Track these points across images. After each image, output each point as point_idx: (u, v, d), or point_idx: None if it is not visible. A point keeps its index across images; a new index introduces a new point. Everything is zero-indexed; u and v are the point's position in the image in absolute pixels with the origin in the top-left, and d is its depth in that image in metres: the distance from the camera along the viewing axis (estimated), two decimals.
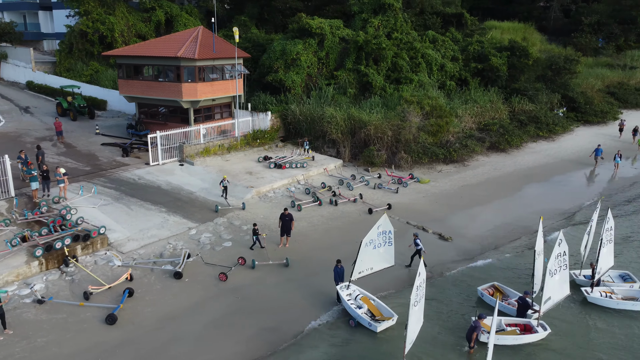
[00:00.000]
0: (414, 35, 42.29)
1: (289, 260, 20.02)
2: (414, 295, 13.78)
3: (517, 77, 44.58)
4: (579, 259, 20.09)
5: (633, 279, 19.57)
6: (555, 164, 35.29)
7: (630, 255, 22.14)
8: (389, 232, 18.20)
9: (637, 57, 62.89)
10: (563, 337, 16.37)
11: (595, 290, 18.59)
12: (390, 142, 32.43)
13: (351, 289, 17.95)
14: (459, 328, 16.67)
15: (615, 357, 15.46)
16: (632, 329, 16.84)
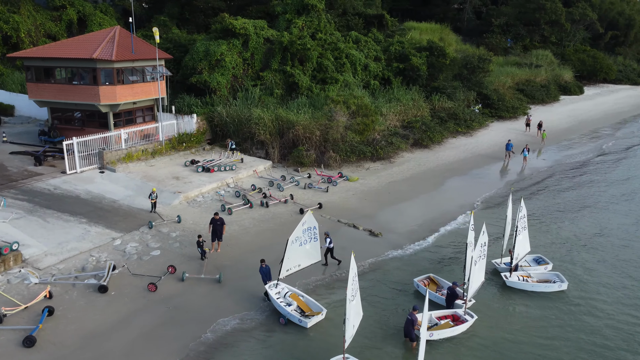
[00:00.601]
0: (338, 35, 43.00)
1: (222, 276, 19.05)
2: (349, 290, 14.01)
3: (436, 76, 46.64)
4: (500, 248, 21.43)
5: (546, 261, 21.19)
6: (474, 158, 37.33)
7: (542, 239, 23.89)
8: (314, 228, 18.61)
9: (541, 56, 67.97)
10: (487, 322, 17.34)
11: (513, 275, 19.90)
12: (318, 142, 32.75)
13: (280, 287, 18.06)
14: (397, 320, 17.15)
15: (531, 336, 16.61)
16: (545, 310, 18.17)
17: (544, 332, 16.88)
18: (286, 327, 16.83)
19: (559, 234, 24.81)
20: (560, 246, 23.40)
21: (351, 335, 14.64)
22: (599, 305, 18.45)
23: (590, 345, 16.15)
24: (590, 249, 23.16)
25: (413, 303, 17.75)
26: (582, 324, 17.32)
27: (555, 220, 26.44)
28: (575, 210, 28.08)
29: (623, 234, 24.89)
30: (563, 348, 16.01)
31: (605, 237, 24.50)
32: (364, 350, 15.61)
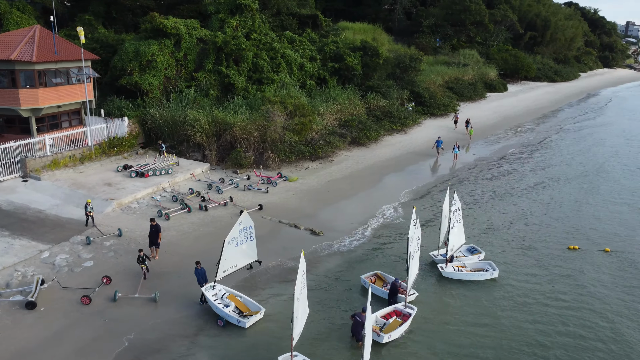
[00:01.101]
0: (273, 36, 42.86)
1: (158, 295, 17.96)
2: (297, 288, 14.00)
3: (371, 75, 47.64)
4: (436, 240, 22.27)
5: (479, 250, 22.28)
6: (409, 154, 38.50)
7: (473, 229, 25.05)
8: (250, 228, 18.67)
9: (468, 56, 71.18)
10: (427, 312, 17.96)
11: (449, 266, 20.75)
12: (256, 143, 32.51)
13: (217, 289, 17.86)
14: (343, 317, 17.34)
15: (466, 323, 17.41)
16: (479, 299, 19.07)
17: (479, 317, 17.72)
18: (225, 328, 16.66)
19: (490, 223, 26.12)
20: (491, 235, 24.65)
21: (299, 333, 14.69)
22: (527, 286, 19.63)
23: (523, 324, 17.15)
24: (517, 236, 24.55)
25: (359, 299, 18.09)
26: (513, 306, 18.35)
27: (484, 211, 27.80)
28: (502, 200, 29.65)
29: (546, 220, 26.59)
30: (497, 330, 16.89)
31: (531, 224, 26.07)
32: (311, 347, 15.70)
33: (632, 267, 21.61)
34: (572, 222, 26.58)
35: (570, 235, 24.83)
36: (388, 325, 16.67)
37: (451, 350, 15.91)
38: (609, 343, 16.40)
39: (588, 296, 19.19)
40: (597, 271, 21.19)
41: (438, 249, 21.78)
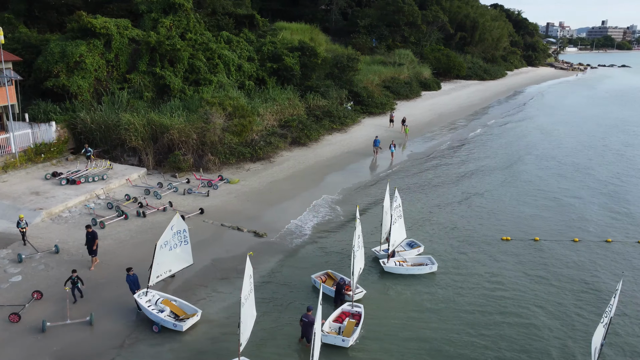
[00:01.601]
0: (209, 36, 42.05)
1: (93, 317, 16.62)
2: (244, 292, 13.76)
3: (310, 76, 47.89)
4: (378, 236, 22.76)
5: (418, 244, 23.01)
6: (349, 153, 39.07)
7: (412, 224, 25.80)
8: (184, 231, 18.26)
9: (403, 55, 73.20)
10: (371, 308, 18.30)
11: (390, 261, 21.27)
12: (195, 145, 31.80)
13: (150, 295, 17.41)
14: (293, 319, 17.27)
15: (408, 317, 17.91)
16: (420, 294, 19.66)
17: (419, 312, 18.27)
18: (162, 334, 16.25)
19: (427, 217, 27.01)
20: (429, 228, 25.50)
21: (246, 338, 14.51)
22: (464, 278, 20.48)
23: (461, 314, 17.87)
24: (453, 228, 25.55)
25: (309, 299, 18.09)
26: (451, 298, 19.09)
27: (422, 205, 28.71)
28: (438, 194, 30.75)
29: (480, 212, 27.86)
30: (437, 321, 17.49)
31: (466, 217, 27.22)
32: (258, 350, 15.57)
33: (558, 254, 23.06)
34: (502, 213, 27.98)
35: (502, 226, 26.12)
36: (345, 328, 16.56)
37: (400, 345, 16.29)
38: (540, 328, 17.44)
39: (521, 285, 20.28)
40: (528, 260, 22.45)
41: (380, 245, 22.27)
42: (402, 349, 16.05)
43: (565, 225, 26.36)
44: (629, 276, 20.86)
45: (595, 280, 20.64)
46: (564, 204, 29.61)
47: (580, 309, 18.45)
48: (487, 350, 15.99)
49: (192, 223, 24.57)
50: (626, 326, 17.48)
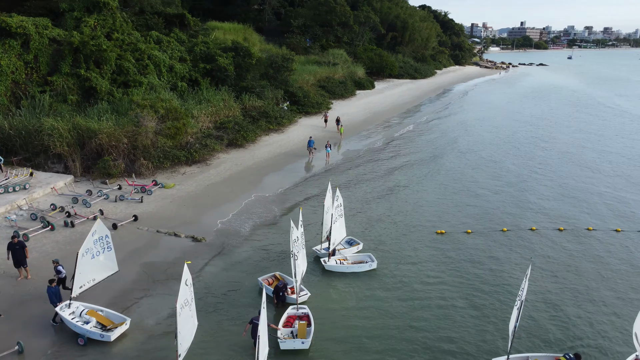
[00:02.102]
0: (137, 36, 40.51)
1: (23, 345, 15.27)
2: (179, 301, 13.36)
3: (244, 76, 47.37)
4: (319, 236, 22.91)
5: (357, 242, 23.40)
6: (287, 153, 39.04)
7: (350, 221, 26.22)
8: (106, 237, 17.58)
9: (337, 55, 74.17)
10: (316, 308, 18.41)
11: (331, 260, 21.49)
12: (127, 150, 30.55)
13: (74, 307, 16.68)
14: (238, 322, 17.00)
15: (352, 314, 18.21)
16: (360, 289, 20.03)
17: (359, 310, 18.59)
18: (90, 346, 15.59)
19: (365, 214, 27.54)
20: (367, 225, 26.02)
21: (186, 348, 14.12)
22: (403, 273, 21.09)
23: (399, 310, 18.38)
24: (390, 223, 26.23)
25: (257, 302, 17.81)
26: (393, 293, 19.59)
27: (359, 203, 29.26)
28: (375, 191, 31.44)
29: (414, 207, 28.78)
30: (377, 317, 17.89)
31: (402, 212, 28.01)
32: (202, 358, 15.20)
33: (490, 244, 24.28)
34: (435, 207, 29.05)
35: (436, 220, 27.12)
36: (298, 330, 16.40)
37: (349, 343, 16.47)
38: (469, 316, 18.29)
39: (455, 276, 21.14)
40: (464, 252, 23.46)
41: (321, 244, 22.44)
42: (351, 346, 16.26)
43: (493, 216, 27.76)
44: (538, 261, 22.37)
45: (516, 266, 21.93)
46: (489, 197, 31.18)
47: (511, 295, 19.54)
48: (425, 339, 16.55)
49: (125, 231, 23.67)
50: (536, 307, 18.70)
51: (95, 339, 15.78)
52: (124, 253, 21.57)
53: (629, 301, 19.23)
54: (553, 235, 25.40)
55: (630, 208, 29.53)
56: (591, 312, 18.42)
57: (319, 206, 27.25)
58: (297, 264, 17.39)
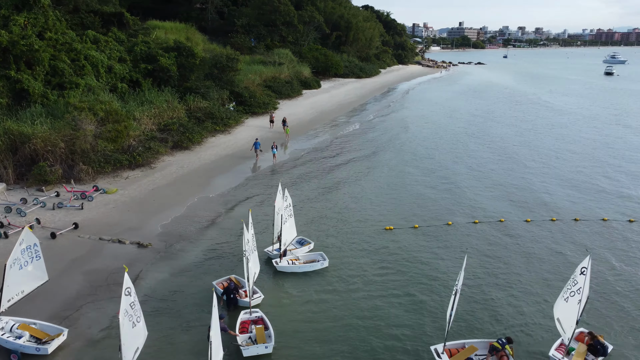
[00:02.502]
0: (72, 35, 38.68)
1: None
2: (122, 312, 12.87)
3: (188, 77, 46.34)
4: (270, 237, 22.78)
5: (308, 241, 23.44)
6: (235, 154, 38.53)
7: (300, 221, 26.25)
8: (35, 246, 16.76)
9: (283, 55, 73.94)
10: (270, 310, 18.30)
11: (283, 260, 21.43)
12: (64, 155, 29.11)
13: (3, 322, 15.87)
14: (201, 327, 16.58)
15: (305, 314, 18.25)
16: (313, 288, 20.12)
17: (313, 305, 18.68)
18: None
19: (314, 213, 27.66)
20: (317, 224, 26.14)
21: (130, 359, 13.61)
22: (354, 270, 21.36)
23: (350, 304, 18.61)
24: (340, 221, 26.48)
25: (209, 306, 17.43)
26: (341, 292, 19.78)
27: (308, 202, 29.36)
28: (323, 189, 31.64)
29: (363, 204, 29.21)
30: (332, 314, 18.02)
31: (350, 210, 28.35)
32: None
33: (436, 239, 25.02)
34: (384, 203, 29.61)
35: (383, 216, 27.61)
36: (256, 335, 16.10)
37: (307, 342, 16.46)
38: (414, 309, 18.80)
39: (404, 271, 21.63)
40: (411, 246, 24.03)
41: (272, 245, 22.32)
42: (312, 345, 16.27)
43: (438, 211, 28.61)
44: (476, 253, 23.37)
45: (456, 259, 22.72)
46: (432, 192, 32.13)
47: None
48: (373, 330, 16.85)
49: (65, 240, 22.60)
50: (472, 296, 19.52)
51: (30, 354, 15.03)
52: (65, 263, 20.64)
53: (558, 288, 20.40)
54: (495, 227, 26.51)
55: (559, 199, 31.27)
56: (522, 299, 19.35)
57: (269, 207, 27.11)
58: (249, 266, 17.19)
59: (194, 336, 16.35)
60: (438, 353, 15.28)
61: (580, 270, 14.96)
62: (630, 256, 23.29)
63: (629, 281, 20.94)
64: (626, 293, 19.93)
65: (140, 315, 14.05)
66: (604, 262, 22.54)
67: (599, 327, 17.22)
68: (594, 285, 19.30)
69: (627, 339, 16.93)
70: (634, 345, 16.56)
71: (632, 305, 18.96)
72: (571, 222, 27.25)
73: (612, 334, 17.09)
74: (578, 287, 14.95)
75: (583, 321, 16.75)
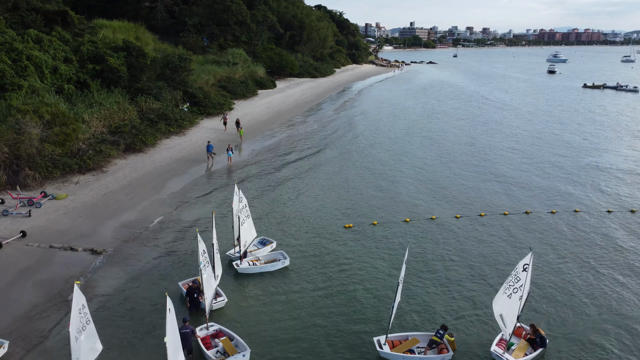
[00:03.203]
0: (12, 34, 36.78)
1: None
2: (73, 326, 12.33)
3: (139, 77, 45.03)
4: (230, 239, 22.48)
5: (270, 241, 23.30)
6: (190, 156, 37.76)
7: (260, 221, 26.08)
8: None
9: (236, 54, 73.05)
10: (231, 313, 18.06)
11: (244, 262, 21.20)
12: (8, 160, 27.63)
13: None
14: (160, 331, 16.03)
15: (264, 314, 18.14)
16: (275, 287, 20.04)
17: (278, 305, 18.59)
18: None
19: (274, 213, 27.52)
20: (277, 224, 26.02)
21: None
22: (315, 268, 21.41)
23: (315, 300, 18.65)
24: (300, 219, 26.47)
25: (179, 308, 17.05)
26: (302, 289, 19.79)
27: (267, 202, 29.17)
28: (280, 189, 31.54)
29: (321, 202, 29.32)
30: (295, 313, 18.00)
31: (310, 208, 28.39)
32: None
33: (393, 235, 25.44)
34: (340, 202, 29.83)
35: (342, 214, 27.82)
36: (224, 348, 15.47)
37: (279, 341, 16.34)
38: (368, 300, 19.10)
39: (359, 267, 21.88)
40: (368, 242, 24.32)
41: (234, 247, 22.05)
42: (285, 344, 16.19)
43: (395, 208, 29.12)
44: (434, 247, 24.02)
45: (410, 254, 23.28)
46: (389, 189, 32.68)
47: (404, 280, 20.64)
48: (328, 324, 16.97)
49: (12, 249, 21.50)
50: (415, 285, 20.07)
51: None
52: (12, 273, 19.67)
53: (496, 284, 21.19)
54: (451, 222, 27.25)
55: (517, 192, 32.53)
56: (460, 294, 19.99)
57: (227, 208, 26.78)
58: (204, 279, 16.45)
59: (153, 340, 15.89)
60: (380, 344, 15.68)
61: (522, 267, 15.25)
62: (553, 244, 24.51)
63: (558, 272, 22.00)
64: (559, 285, 20.93)
65: (93, 329, 13.47)
66: (535, 255, 23.60)
67: (535, 320, 17.50)
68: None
69: (563, 330, 17.49)
70: (568, 337, 17.13)
71: (565, 297, 19.67)
72: (501, 217, 28.18)
73: (549, 325, 17.68)
74: (520, 284, 15.24)
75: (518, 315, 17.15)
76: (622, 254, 23.56)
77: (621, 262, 22.67)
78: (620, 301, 19.32)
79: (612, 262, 22.64)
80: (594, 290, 20.15)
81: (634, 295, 19.76)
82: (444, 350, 15.54)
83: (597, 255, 23.28)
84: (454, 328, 17.21)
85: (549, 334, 16.86)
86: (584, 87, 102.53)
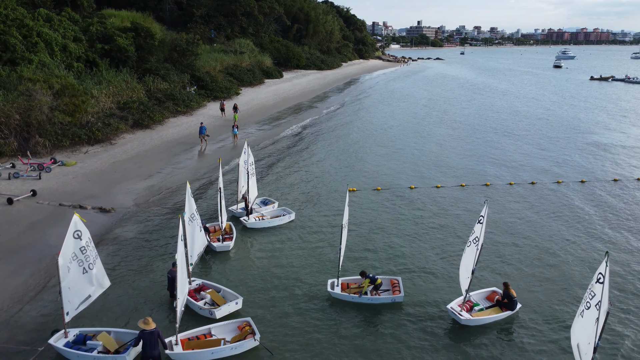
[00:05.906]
0: (23, 12, 37.36)
1: None
2: (64, 254, 12.46)
3: (147, 58, 45.54)
4: (233, 197, 22.82)
5: (272, 201, 23.63)
6: (196, 134, 38.04)
7: (268, 186, 26.38)
8: None
9: (244, 44, 73.52)
10: (242, 263, 18.34)
11: (251, 217, 21.50)
12: (19, 127, 28.11)
13: None
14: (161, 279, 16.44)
15: (269, 263, 18.42)
16: (283, 237, 20.33)
17: (284, 253, 18.86)
18: None
19: (280, 178, 27.84)
20: (283, 188, 26.32)
21: (75, 307, 12.89)
22: (320, 223, 21.67)
23: (315, 249, 18.89)
24: (304, 182, 26.76)
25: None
26: (308, 238, 20.05)
27: (274, 169, 29.50)
28: (289, 159, 31.85)
29: (327, 168, 29.58)
30: (300, 258, 18.26)
31: (314, 174, 28.67)
32: (119, 321, 14.57)
33: (398, 198, 25.64)
34: (346, 169, 30.08)
35: (349, 179, 28.07)
36: (212, 299, 15.09)
37: (265, 290, 16.60)
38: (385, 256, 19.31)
39: (362, 226, 22.12)
40: (374, 206, 24.55)
41: (237, 204, 22.35)
42: (266, 292, 16.45)
43: (403, 175, 29.33)
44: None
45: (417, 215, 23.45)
46: (398, 161, 32.92)
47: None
48: (314, 271, 17.20)
49: (23, 205, 21.94)
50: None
51: None
52: (23, 226, 20.04)
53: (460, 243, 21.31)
54: (454, 190, 27.44)
55: (520, 165, 32.63)
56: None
57: (231, 174, 27.13)
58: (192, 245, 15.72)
59: (159, 286, 16.18)
60: (333, 285, 15.89)
61: (477, 220, 14.25)
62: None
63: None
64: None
65: (96, 263, 13.53)
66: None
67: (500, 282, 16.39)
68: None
69: (532, 293, 16.25)
70: (539, 299, 15.88)
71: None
72: (506, 186, 28.44)
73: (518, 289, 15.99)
74: (474, 236, 14.16)
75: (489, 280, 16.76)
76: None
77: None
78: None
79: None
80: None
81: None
82: (397, 291, 15.50)
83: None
84: (412, 284, 16.49)
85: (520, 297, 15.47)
86: (591, 79, 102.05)
